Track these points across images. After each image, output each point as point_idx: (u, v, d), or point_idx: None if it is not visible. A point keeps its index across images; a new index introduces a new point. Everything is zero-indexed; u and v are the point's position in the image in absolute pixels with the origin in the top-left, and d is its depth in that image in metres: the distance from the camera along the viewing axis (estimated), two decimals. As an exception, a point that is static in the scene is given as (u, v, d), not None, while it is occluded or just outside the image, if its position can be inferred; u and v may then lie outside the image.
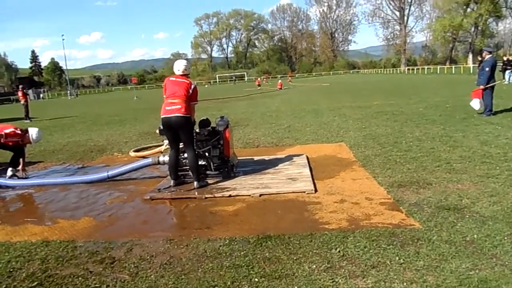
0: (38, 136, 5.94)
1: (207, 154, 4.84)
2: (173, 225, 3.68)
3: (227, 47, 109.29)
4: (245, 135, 8.41)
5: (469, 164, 4.76)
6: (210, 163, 4.85)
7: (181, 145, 4.63)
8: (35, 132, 5.89)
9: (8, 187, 5.28)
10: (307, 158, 5.63)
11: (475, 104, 8.59)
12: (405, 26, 77.15)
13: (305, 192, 4.13)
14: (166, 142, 5.00)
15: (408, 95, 15.83)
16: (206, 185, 4.61)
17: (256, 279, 2.46)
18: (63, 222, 3.81)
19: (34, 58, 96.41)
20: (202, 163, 4.83)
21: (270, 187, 4.35)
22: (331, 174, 4.81)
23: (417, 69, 56.60)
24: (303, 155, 5.79)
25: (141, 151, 7.10)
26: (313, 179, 4.55)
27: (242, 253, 2.84)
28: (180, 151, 4.70)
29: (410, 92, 17.66)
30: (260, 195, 4.15)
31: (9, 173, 5.63)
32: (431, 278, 2.33)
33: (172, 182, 4.65)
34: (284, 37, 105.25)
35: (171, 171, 4.66)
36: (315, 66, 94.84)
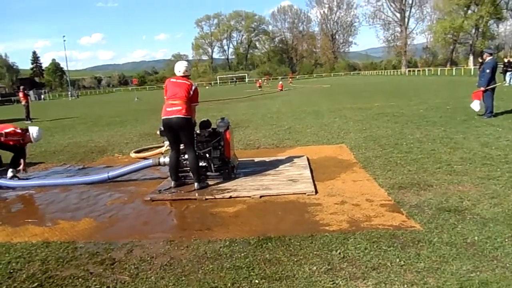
0: (38, 134, 5.96)
1: (207, 156, 4.85)
2: (173, 226, 3.68)
3: (228, 48, 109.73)
4: (245, 136, 8.41)
5: (469, 166, 4.75)
6: (210, 165, 4.86)
7: (181, 146, 4.64)
8: (35, 130, 5.91)
9: (9, 188, 5.28)
10: (308, 159, 5.63)
11: (475, 106, 8.61)
12: (405, 28, 77.16)
13: (305, 193, 4.13)
14: (166, 143, 5.00)
15: (409, 96, 15.83)
16: (207, 186, 4.60)
17: (257, 281, 2.46)
18: (63, 223, 3.81)
19: (35, 59, 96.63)
20: (202, 164, 4.84)
21: (271, 188, 4.35)
22: (331, 176, 4.81)
23: (417, 70, 56.58)
24: (304, 156, 5.79)
25: (141, 152, 7.11)
26: (313, 181, 4.55)
27: (242, 254, 2.84)
28: (181, 152, 4.71)
29: (410, 93, 17.66)
30: (261, 196, 4.15)
31: (10, 174, 5.64)
32: (431, 280, 2.33)
33: (173, 183, 4.65)
34: (284, 39, 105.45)
35: (171, 172, 4.66)
36: (315, 67, 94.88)
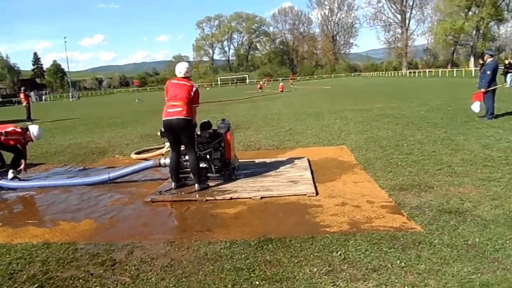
0: (39, 133, 5.97)
1: (208, 157, 4.85)
2: (174, 228, 3.68)
3: (229, 49, 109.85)
4: (246, 137, 8.41)
5: (470, 168, 4.74)
6: (211, 166, 4.86)
7: (182, 147, 4.64)
8: (35, 129, 5.93)
9: (9, 189, 5.29)
10: (309, 160, 5.63)
11: (476, 107, 8.59)
12: (406, 29, 77.10)
13: (306, 195, 4.13)
14: (167, 144, 5.01)
15: (410, 98, 15.82)
16: (207, 187, 4.60)
17: (257, 282, 2.46)
18: (64, 224, 3.82)
19: (36, 60, 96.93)
20: (203, 165, 4.84)
21: (271, 189, 4.35)
22: (332, 177, 4.81)
23: (418, 72, 56.62)
24: (305, 157, 5.79)
25: (142, 153, 7.12)
26: (314, 182, 4.54)
27: (243, 256, 2.84)
28: (181, 154, 4.71)
29: (411, 95, 17.65)
30: (261, 197, 4.14)
31: (10, 175, 5.65)
32: (432, 282, 2.32)
33: (173, 185, 4.65)
34: (285, 40, 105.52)
35: (172, 174, 4.66)
36: (316, 69, 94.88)
